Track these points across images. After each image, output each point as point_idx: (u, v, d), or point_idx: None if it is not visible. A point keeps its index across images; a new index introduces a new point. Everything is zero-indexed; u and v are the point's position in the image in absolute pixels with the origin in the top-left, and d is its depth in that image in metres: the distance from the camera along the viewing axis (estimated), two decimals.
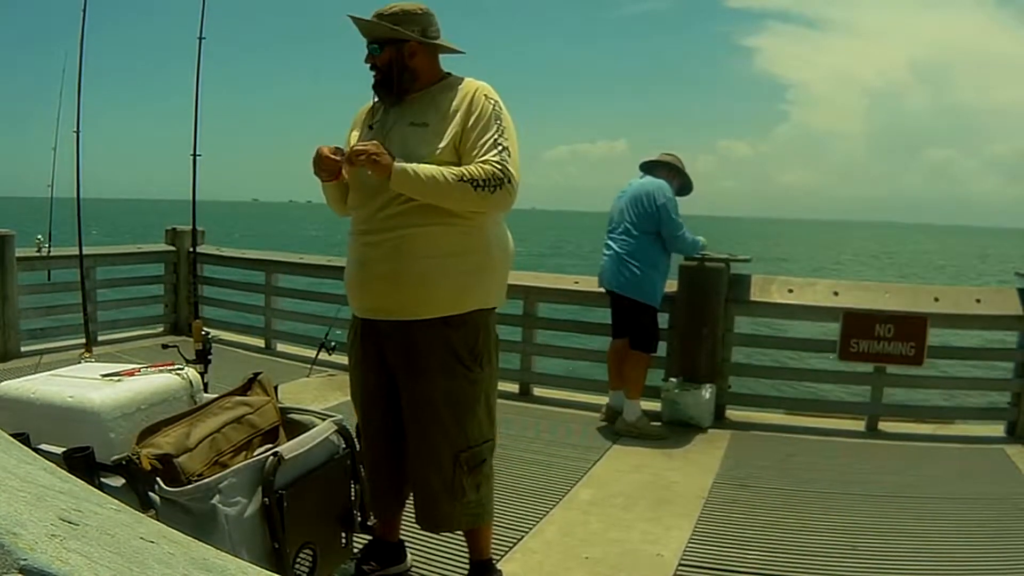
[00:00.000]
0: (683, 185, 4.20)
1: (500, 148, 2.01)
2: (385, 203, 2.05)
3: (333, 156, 2.04)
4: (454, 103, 2.06)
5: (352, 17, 2.16)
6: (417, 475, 2.19)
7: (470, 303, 2.10)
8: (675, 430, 4.10)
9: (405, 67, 2.13)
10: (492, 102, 2.07)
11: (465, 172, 1.97)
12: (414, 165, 1.97)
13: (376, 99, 2.21)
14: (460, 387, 2.10)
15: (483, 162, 1.99)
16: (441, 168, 1.97)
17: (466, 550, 2.39)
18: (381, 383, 2.19)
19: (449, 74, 2.20)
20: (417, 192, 1.98)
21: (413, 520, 2.26)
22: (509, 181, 1.99)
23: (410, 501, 2.31)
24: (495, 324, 2.22)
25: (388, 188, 2.00)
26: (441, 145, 2.02)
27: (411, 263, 2.03)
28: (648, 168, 4.22)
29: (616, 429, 4.05)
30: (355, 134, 2.24)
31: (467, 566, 2.36)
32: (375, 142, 2.02)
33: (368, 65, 2.15)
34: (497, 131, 2.03)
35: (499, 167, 1.98)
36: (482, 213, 2.06)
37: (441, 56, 2.21)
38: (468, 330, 2.10)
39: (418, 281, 2.04)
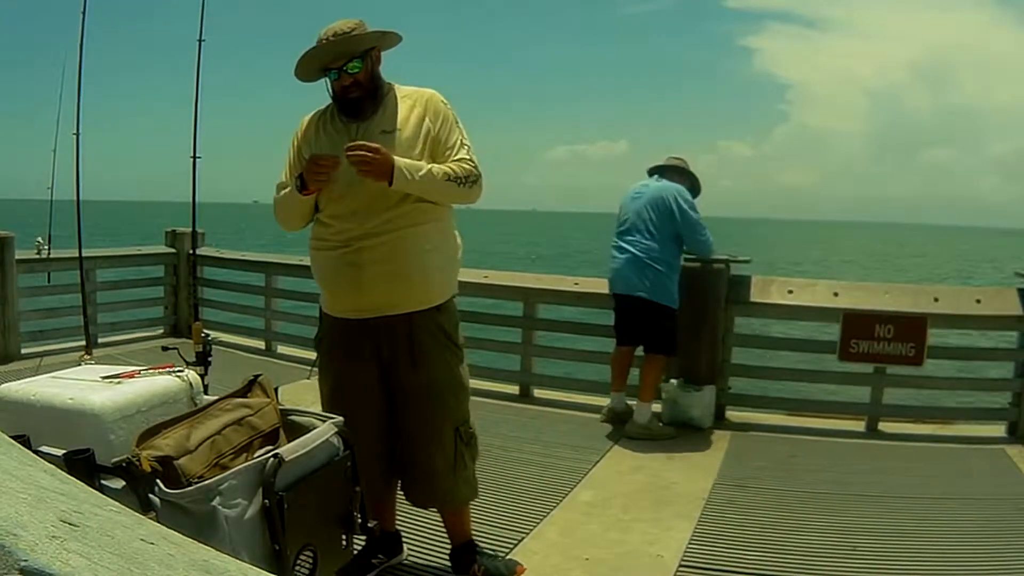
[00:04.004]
0: (692, 188, 4.24)
1: (467, 148, 2.24)
2: (386, 207, 2.14)
3: (328, 161, 2.08)
4: (415, 110, 2.21)
5: (326, 41, 2.13)
6: (417, 457, 2.30)
7: (450, 289, 2.32)
8: (675, 431, 4.10)
9: (378, 75, 2.23)
10: (448, 106, 2.26)
11: (450, 170, 2.16)
12: (407, 163, 2.08)
13: (338, 114, 2.23)
14: (454, 366, 2.31)
15: (458, 161, 2.20)
16: (431, 166, 2.13)
17: None
18: (376, 377, 2.29)
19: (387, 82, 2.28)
20: (417, 189, 2.12)
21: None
22: (480, 176, 2.24)
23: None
24: None
25: (386, 193, 2.09)
26: (416, 150, 2.17)
27: (412, 259, 2.18)
28: (659, 173, 4.25)
29: (627, 432, 4.04)
30: (304, 148, 2.25)
31: None
32: (375, 144, 2.05)
33: (346, 86, 2.15)
34: (460, 133, 2.25)
35: (471, 165, 2.21)
36: (450, 208, 2.28)
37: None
38: (450, 314, 2.31)
39: (420, 275, 2.20)
